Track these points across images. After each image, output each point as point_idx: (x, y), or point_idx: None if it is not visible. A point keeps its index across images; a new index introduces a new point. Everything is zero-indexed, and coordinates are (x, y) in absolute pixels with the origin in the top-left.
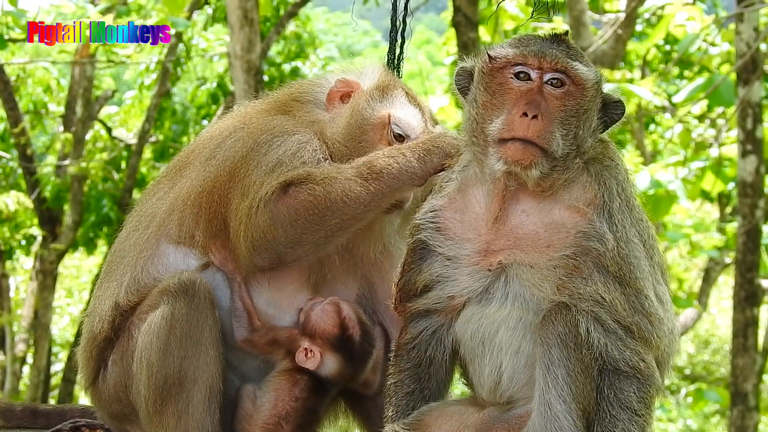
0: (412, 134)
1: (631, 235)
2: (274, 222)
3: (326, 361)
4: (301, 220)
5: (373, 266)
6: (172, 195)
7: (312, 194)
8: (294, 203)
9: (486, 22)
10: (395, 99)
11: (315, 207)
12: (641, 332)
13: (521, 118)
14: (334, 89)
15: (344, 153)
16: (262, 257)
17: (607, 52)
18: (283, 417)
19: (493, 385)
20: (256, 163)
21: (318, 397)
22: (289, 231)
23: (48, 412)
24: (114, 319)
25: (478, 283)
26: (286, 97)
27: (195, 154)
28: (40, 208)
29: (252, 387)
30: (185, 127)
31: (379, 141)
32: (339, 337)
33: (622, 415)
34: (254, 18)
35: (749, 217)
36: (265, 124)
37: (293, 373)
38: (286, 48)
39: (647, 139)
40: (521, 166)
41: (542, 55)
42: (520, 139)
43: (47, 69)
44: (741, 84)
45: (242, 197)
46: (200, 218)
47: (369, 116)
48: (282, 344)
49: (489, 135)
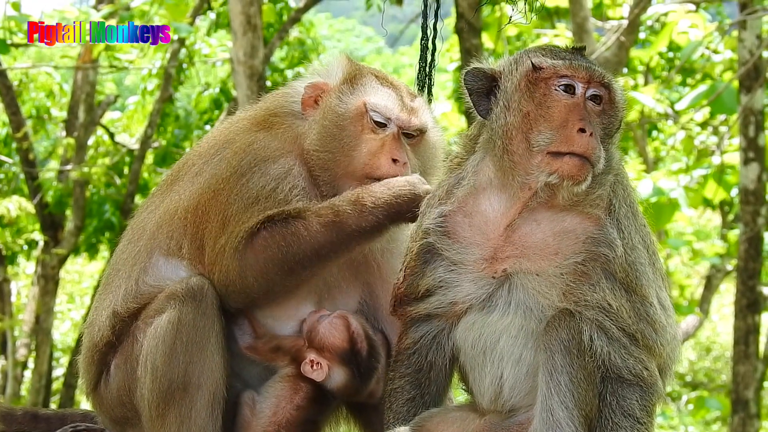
0: (393, 116)
1: (636, 241)
2: (243, 270)
3: (333, 375)
4: (269, 269)
5: (373, 272)
6: (162, 209)
7: (278, 245)
8: (260, 254)
9: (499, 31)
10: (366, 86)
11: (280, 257)
12: (645, 340)
13: (579, 134)
14: (305, 96)
15: (328, 159)
16: (234, 300)
17: (609, 59)
18: (282, 425)
19: (494, 394)
20: (238, 190)
21: (319, 408)
22: (259, 279)
23: (48, 416)
24: (114, 325)
25: (482, 290)
26: (264, 112)
27: (185, 169)
28: (42, 213)
29: (251, 394)
30: (188, 132)
31: (361, 132)
32: (348, 352)
33: (624, 423)
34: (257, 24)
35: (751, 224)
36: (249, 145)
37: (296, 380)
38: (290, 54)
39: (649, 146)
40: (574, 182)
41: (591, 70)
42: (578, 155)
43: (50, 74)
44: (743, 91)
45: (221, 228)
46: (187, 232)
47: (344, 111)
48: (286, 352)
49: (536, 146)
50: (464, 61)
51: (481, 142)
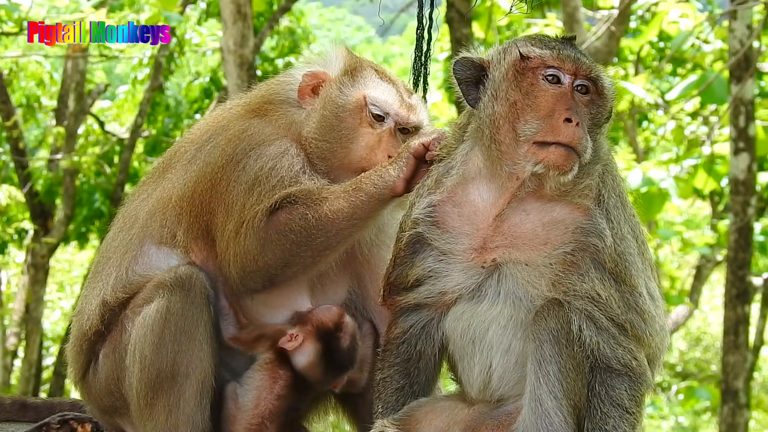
0: (391, 111)
1: (625, 231)
2: (263, 246)
3: (305, 349)
4: (290, 242)
5: (362, 262)
6: (154, 197)
7: (301, 216)
8: (283, 227)
9: (489, 20)
10: (367, 79)
11: (303, 228)
12: (634, 330)
13: (565, 124)
14: (303, 84)
15: (325, 149)
16: (254, 281)
17: (600, 49)
18: (266, 416)
19: (483, 384)
20: (236, 177)
21: (299, 396)
22: (278, 254)
23: (37, 405)
24: (103, 314)
25: (471, 279)
26: (258, 99)
27: (177, 156)
28: (32, 201)
29: (234, 386)
30: (178, 121)
31: (359, 125)
32: (328, 331)
33: (613, 413)
34: (247, 13)
35: (741, 214)
36: (242, 131)
37: (274, 367)
38: (280, 43)
39: (640, 136)
40: (560, 171)
41: (578, 61)
42: (564, 145)
43: (40, 63)
44: (734, 81)
45: (226, 215)
46: (182, 220)
47: (344, 103)
48: (268, 338)
49: (523, 135)
50: (454, 50)
51: (470, 131)
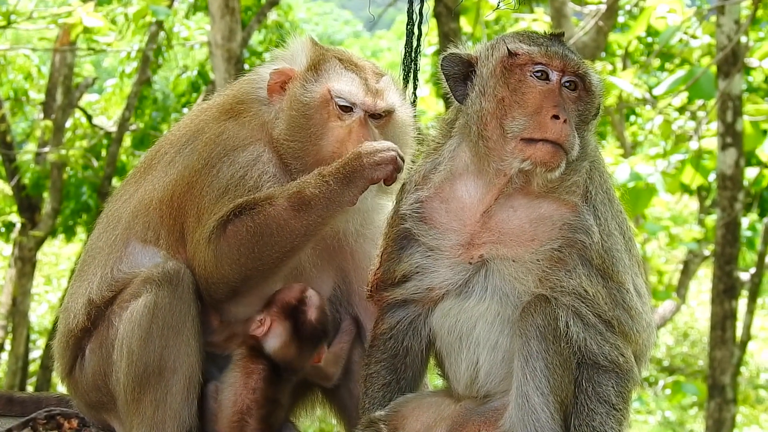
0: (357, 101)
1: (613, 228)
2: (218, 259)
3: (274, 330)
4: (242, 256)
5: (347, 258)
6: (136, 198)
7: (248, 231)
8: (231, 239)
9: (477, 15)
10: (330, 71)
11: (252, 243)
12: (621, 327)
13: (552, 120)
14: (271, 83)
15: (297, 148)
16: (218, 293)
17: (588, 44)
18: (245, 412)
19: (469, 380)
20: (209, 182)
21: (276, 387)
22: (234, 267)
23: (23, 400)
24: (89, 312)
25: (458, 276)
26: (231, 99)
27: (158, 157)
28: (19, 195)
29: (214, 385)
30: (165, 115)
31: (327, 120)
32: (292, 308)
33: (600, 409)
34: (235, 7)
35: (728, 209)
36: (218, 135)
37: (247, 362)
38: (267, 37)
39: (627, 130)
40: (547, 168)
41: (566, 58)
42: (551, 142)
43: (28, 56)
44: (721, 76)
45: (197, 221)
46: (163, 224)
47: (309, 100)
48: (239, 334)
49: (510, 132)
50: (442, 45)
51: (457, 127)
